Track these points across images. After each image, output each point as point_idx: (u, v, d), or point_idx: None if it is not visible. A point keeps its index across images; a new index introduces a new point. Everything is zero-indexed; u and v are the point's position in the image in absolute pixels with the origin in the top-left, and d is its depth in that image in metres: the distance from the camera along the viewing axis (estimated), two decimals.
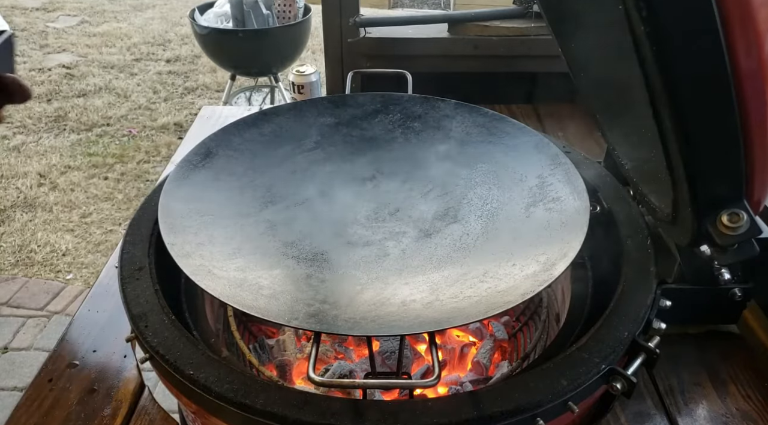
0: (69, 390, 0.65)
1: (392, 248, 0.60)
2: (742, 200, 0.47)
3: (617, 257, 0.62)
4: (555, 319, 0.70)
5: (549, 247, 0.55)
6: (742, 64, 0.40)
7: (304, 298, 0.52)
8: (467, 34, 1.26)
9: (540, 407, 0.47)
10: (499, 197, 0.66)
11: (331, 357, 0.72)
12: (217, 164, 0.67)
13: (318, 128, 0.75)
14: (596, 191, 0.70)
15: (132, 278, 0.59)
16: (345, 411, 0.46)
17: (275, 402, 0.46)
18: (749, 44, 0.39)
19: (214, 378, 0.48)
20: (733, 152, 0.44)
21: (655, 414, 0.63)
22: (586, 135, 1.19)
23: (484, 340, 0.73)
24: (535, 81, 1.35)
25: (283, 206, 0.66)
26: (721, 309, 0.69)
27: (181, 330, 0.54)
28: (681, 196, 0.50)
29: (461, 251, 0.59)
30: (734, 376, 0.67)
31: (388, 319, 0.50)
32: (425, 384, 0.51)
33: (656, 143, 0.48)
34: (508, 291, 0.51)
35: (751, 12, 0.38)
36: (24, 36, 3.53)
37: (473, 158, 0.71)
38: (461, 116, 0.75)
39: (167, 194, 0.60)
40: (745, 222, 0.47)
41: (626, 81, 0.51)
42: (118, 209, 2.36)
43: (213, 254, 0.56)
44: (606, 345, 0.51)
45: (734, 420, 0.62)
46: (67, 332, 0.73)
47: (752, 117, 0.42)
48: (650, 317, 0.55)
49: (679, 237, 0.59)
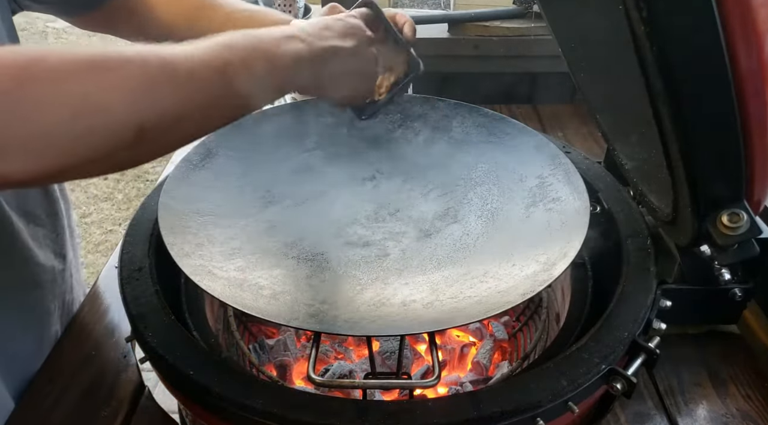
0: (69, 389, 0.65)
1: (392, 248, 0.60)
2: (742, 200, 0.47)
3: (617, 257, 0.62)
4: (555, 319, 0.70)
5: (549, 247, 0.55)
6: (742, 64, 0.40)
7: (304, 298, 0.52)
8: (467, 35, 1.26)
9: (540, 407, 0.47)
10: (499, 197, 0.66)
11: (331, 357, 0.72)
12: (217, 164, 0.67)
13: (318, 128, 0.75)
14: (596, 191, 0.70)
15: (132, 279, 0.59)
16: (345, 411, 0.46)
17: (275, 402, 0.46)
18: (749, 44, 0.39)
19: (214, 378, 0.48)
20: (733, 152, 0.44)
21: (655, 414, 0.63)
22: (586, 135, 1.20)
23: (484, 340, 0.73)
24: (535, 81, 1.35)
25: (283, 206, 0.66)
26: (721, 309, 0.69)
27: (181, 330, 0.54)
28: (681, 196, 0.50)
29: (461, 252, 0.59)
30: (734, 376, 0.67)
31: (388, 319, 0.50)
32: (425, 384, 0.51)
33: (656, 143, 0.48)
34: (508, 291, 0.51)
35: (751, 12, 0.38)
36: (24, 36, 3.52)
37: (473, 158, 0.71)
38: (461, 116, 0.75)
39: (167, 194, 0.60)
40: (745, 222, 0.47)
41: (626, 81, 0.51)
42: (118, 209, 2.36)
43: (213, 254, 0.56)
44: (606, 346, 0.51)
45: (734, 420, 0.62)
46: (67, 332, 0.73)
47: (752, 117, 0.42)
48: (650, 317, 0.55)
49: (679, 237, 0.59)
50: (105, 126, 0.38)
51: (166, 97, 0.41)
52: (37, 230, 0.69)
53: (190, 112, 0.43)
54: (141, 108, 0.39)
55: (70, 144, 0.37)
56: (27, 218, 0.67)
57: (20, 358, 0.66)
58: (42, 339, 0.70)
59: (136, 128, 0.39)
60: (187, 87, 0.42)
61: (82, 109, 0.37)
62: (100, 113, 0.38)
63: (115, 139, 0.39)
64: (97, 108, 0.38)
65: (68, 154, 0.38)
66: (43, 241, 0.70)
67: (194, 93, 0.42)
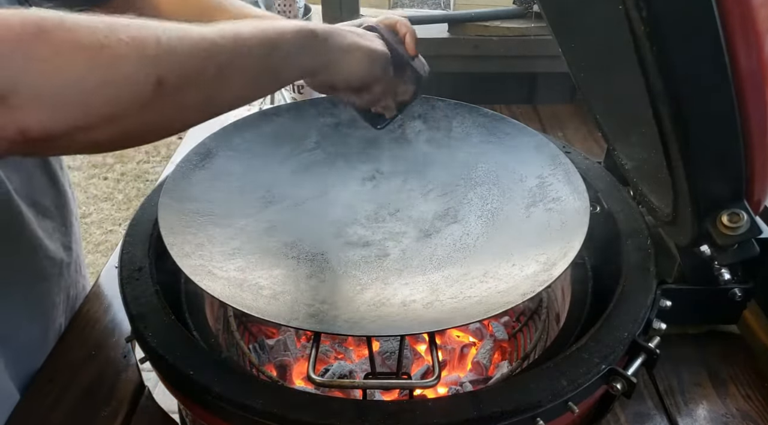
0: (69, 389, 0.65)
1: (392, 248, 0.60)
2: (743, 200, 0.47)
3: (617, 257, 0.62)
4: (555, 319, 0.70)
5: (549, 247, 0.55)
6: (742, 64, 0.40)
7: (304, 298, 0.52)
8: (467, 35, 1.26)
9: (540, 407, 0.47)
10: (499, 197, 0.66)
11: (331, 357, 0.72)
12: (217, 164, 0.67)
13: (318, 128, 0.75)
14: (596, 191, 0.70)
15: (132, 279, 0.59)
16: (345, 411, 0.46)
17: (275, 402, 0.46)
18: (749, 44, 0.39)
19: (214, 378, 0.48)
20: (734, 152, 0.44)
21: (655, 414, 0.63)
22: (586, 135, 1.19)
23: (484, 340, 0.73)
24: (535, 81, 1.35)
25: (283, 206, 0.66)
26: (721, 309, 0.69)
27: (181, 330, 0.54)
28: (681, 196, 0.50)
29: (461, 252, 0.59)
30: (734, 376, 0.67)
31: (388, 319, 0.50)
32: (425, 384, 0.51)
33: (656, 143, 0.48)
34: (508, 291, 0.51)
35: (751, 12, 0.38)
36: None
37: (473, 159, 0.71)
38: (461, 116, 0.75)
39: (167, 194, 0.60)
40: (745, 222, 0.47)
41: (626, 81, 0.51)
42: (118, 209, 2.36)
43: (213, 254, 0.56)
44: (606, 346, 0.51)
45: (734, 420, 0.62)
46: (67, 332, 0.73)
47: (752, 117, 0.42)
48: (650, 317, 0.55)
49: (679, 237, 0.59)
50: (123, 77, 0.38)
51: (182, 53, 0.41)
52: (46, 221, 0.71)
53: (208, 69, 0.43)
54: (158, 61, 0.40)
55: (87, 96, 0.37)
56: (36, 209, 0.68)
57: (26, 349, 0.67)
58: (47, 331, 0.71)
59: (155, 81, 0.39)
60: (202, 47, 0.43)
61: (99, 59, 0.37)
62: (116, 63, 0.38)
63: (133, 92, 0.39)
64: (113, 59, 0.38)
65: (85, 106, 0.38)
66: (53, 233, 0.72)
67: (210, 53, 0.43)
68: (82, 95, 0.37)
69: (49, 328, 0.71)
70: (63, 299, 0.74)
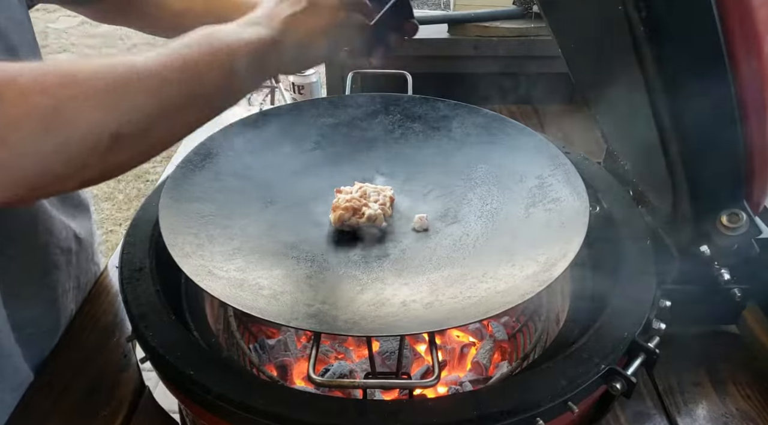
0: (69, 389, 0.65)
1: (392, 248, 0.60)
2: (742, 200, 0.47)
3: (617, 257, 0.62)
4: (555, 319, 0.71)
5: (549, 247, 0.55)
6: (742, 65, 0.40)
7: (304, 298, 0.52)
8: (467, 35, 1.26)
9: (540, 407, 0.47)
10: (498, 197, 0.66)
11: (331, 357, 0.72)
12: (217, 164, 0.67)
13: (318, 129, 0.75)
14: (596, 191, 0.70)
15: (132, 279, 0.59)
16: (345, 411, 0.46)
17: (275, 402, 0.46)
18: (749, 44, 0.39)
19: (214, 378, 0.48)
20: (733, 153, 0.44)
21: (655, 414, 0.63)
22: (586, 135, 1.19)
23: (484, 340, 0.73)
24: (535, 81, 1.35)
25: (283, 206, 0.66)
26: (720, 309, 0.69)
27: (181, 330, 0.54)
28: (681, 196, 0.50)
29: (461, 252, 0.59)
30: (734, 376, 0.67)
31: (388, 319, 0.50)
32: (425, 384, 0.51)
33: (656, 143, 0.48)
34: (508, 292, 0.51)
35: (751, 12, 0.38)
36: None
37: (473, 159, 0.71)
38: (461, 117, 0.75)
39: (167, 195, 0.60)
40: (744, 223, 0.47)
41: (626, 82, 0.51)
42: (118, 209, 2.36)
43: (213, 254, 0.56)
44: (606, 345, 0.51)
45: (734, 420, 0.62)
46: (68, 331, 0.73)
47: (752, 118, 0.43)
48: (650, 317, 0.55)
49: (679, 237, 0.59)
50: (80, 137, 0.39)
51: (135, 99, 0.41)
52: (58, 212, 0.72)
53: (162, 111, 0.43)
54: (113, 114, 0.40)
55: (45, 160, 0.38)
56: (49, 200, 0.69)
57: (39, 334, 0.69)
58: (59, 317, 0.72)
59: (112, 134, 0.40)
60: (153, 87, 0.42)
61: (54, 122, 0.37)
62: (73, 124, 0.38)
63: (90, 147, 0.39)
64: (69, 119, 0.38)
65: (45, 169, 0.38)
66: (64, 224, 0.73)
67: (162, 92, 0.43)
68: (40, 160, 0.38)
69: (60, 315, 0.73)
70: (73, 286, 0.76)
